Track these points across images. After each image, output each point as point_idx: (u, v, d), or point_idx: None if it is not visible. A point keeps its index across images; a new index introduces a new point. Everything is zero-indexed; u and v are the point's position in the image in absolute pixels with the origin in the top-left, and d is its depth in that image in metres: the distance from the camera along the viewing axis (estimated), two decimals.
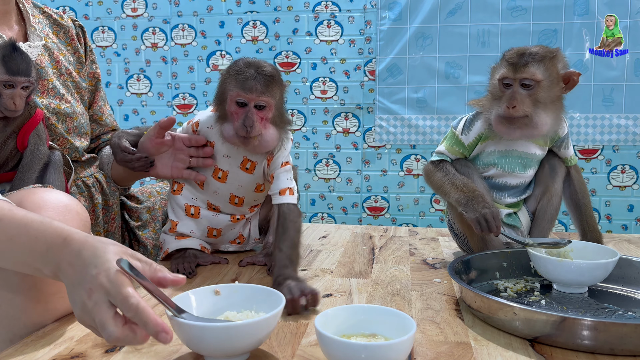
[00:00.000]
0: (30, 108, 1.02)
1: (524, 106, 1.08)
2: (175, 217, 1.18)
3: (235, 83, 1.02)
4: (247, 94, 1.01)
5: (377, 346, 0.63)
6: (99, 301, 0.63)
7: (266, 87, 1.01)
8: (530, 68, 1.08)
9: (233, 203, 1.17)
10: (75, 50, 1.30)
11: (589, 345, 0.73)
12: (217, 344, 0.67)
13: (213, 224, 1.19)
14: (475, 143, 1.19)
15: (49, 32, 1.25)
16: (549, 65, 1.09)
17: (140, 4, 2.83)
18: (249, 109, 1.02)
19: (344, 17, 2.67)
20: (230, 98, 1.03)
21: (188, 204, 1.17)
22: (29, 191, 0.89)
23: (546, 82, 1.09)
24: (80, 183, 1.26)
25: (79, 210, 0.88)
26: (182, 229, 1.17)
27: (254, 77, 1.01)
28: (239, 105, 1.03)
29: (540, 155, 1.20)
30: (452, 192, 1.13)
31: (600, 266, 0.96)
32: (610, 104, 2.47)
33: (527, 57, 1.09)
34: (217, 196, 1.17)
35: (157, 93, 2.87)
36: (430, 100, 2.60)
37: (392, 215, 2.72)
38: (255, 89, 1.01)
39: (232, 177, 1.14)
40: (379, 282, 1.08)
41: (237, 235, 1.24)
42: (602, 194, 2.55)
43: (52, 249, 0.70)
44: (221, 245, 1.24)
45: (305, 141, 2.75)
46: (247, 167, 1.13)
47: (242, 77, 1.01)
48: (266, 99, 1.02)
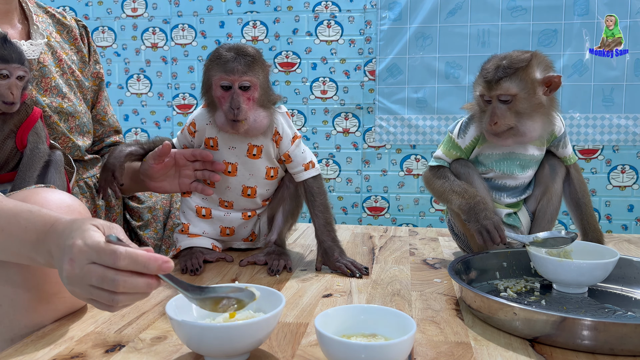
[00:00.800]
0: (27, 106, 1.02)
1: (505, 120, 1.09)
2: (186, 219, 1.20)
3: (217, 68, 1.04)
4: (230, 75, 1.03)
5: (377, 346, 0.63)
6: (82, 265, 0.63)
7: (248, 67, 1.04)
8: (503, 84, 1.07)
9: (246, 195, 1.18)
10: (79, 50, 1.30)
11: (589, 345, 0.73)
12: (217, 344, 0.67)
13: (225, 223, 1.21)
14: (472, 146, 1.19)
15: (52, 31, 1.25)
16: (523, 75, 1.08)
17: (140, 4, 2.83)
18: (234, 91, 1.04)
19: (344, 17, 2.67)
20: (214, 83, 1.05)
21: (199, 206, 1.19)
22: (32, 191, 0.89)
23: (523, 94, 1.08)
24: (82, 184, 1.26)
25: (81, 211, 0.88)
26: (194, 230, 1.19)
27: (235, 59, 1.03)
28: (224, 89, 1.05)
29: (539, 156, 1.20)
30: (454, 199, 1.14)
31: (600, 266, 0.96)
32: (610, 104, 2.47)
33: (499, 72, 1.08)
34: (230, 191, 1.18)
35: (157, 93, 2.87)
36: (430, 100, 2.60)
37: (392, 215, 2.72)
38: (237, 70, 1.03)
39: (242, 167, 1.15)
40: (379, 282, 1.08)
41: (249, 233, 1.26)
42: (602, 194, 2.55)
43: (41, 237, 0.70)
44: (234, 243, 1.26)
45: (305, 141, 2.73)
46: (254, 154, 1.14)
47: (223, 61, 1.04)
48: (249, 78, 1.04)
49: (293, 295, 0.99)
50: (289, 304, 0.94)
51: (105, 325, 0.85)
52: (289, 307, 0.93)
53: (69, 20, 1.31)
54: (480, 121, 1.15)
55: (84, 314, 0.89)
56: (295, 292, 1.01)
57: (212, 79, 1.06)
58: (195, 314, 0.76)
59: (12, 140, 1.01)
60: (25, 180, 0.99)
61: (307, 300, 0.97)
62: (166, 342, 0.78)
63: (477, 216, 1.09)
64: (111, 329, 0.83)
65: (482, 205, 1.10)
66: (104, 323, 0.86)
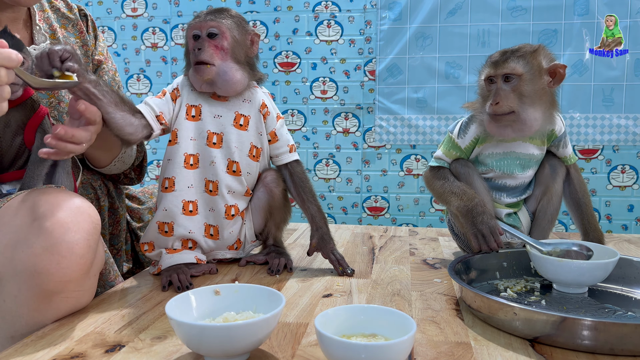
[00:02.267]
0: (33, 102, 1.01)
1: (508, 101, 1.09)
2: (169, 218, 1.11)
3: (191, 22, 1.09)
4: (198, 23, 1.07)
5: (377, 346, 0.63)
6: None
7: (216, 15, 1.07)
8: (510, 63, 1.10)
9: (231, 172, 1.12)
10: (84, 44, 1.28)
11: (589, 345, 0.74)
12: (217, 344, 0.67)
13: (210, 220, 1.13)
14: (472, 146, 1.19)
15: (57, 26, 1.23)
16: (530, 59, 1.10)
17: (140, 4, 2.83)
18: (203, 39, 1.06)
19: (344, 17, 2.67)
20: (187, 37, 1.09)
21: (186, 200, 1.11)
22: (44, 190, 0.89)
23: (528, 75, 1.09)
24: (87, 185, 1.26)
25: (90, 213, 0.88)
26: (180, 230, 1.11)
27: (206, 12, 1.09)
28: (194, 38, 1.07)
29: (539, 156, 1.20)
30: (453, 200, 1.14)
31: (600, 266, 0.96)
32: (610, 104, 2.47)
33: (508, 54, 1.11)
34: (214, 167, 1.11)
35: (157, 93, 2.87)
36: (430, 100, 2.60)
37: (392, 215, 2.72)
38: (205, 17, 1.07)
39: (227, 138, 1.11)
40: (379, 282, 1.08)
41: (234, 240, 1.18)
42: (602, 194, 2.55)
43: None
44: (218, 253, 1.18)
45: (305, 141, 2.75)
46: (241, 124, 1.12)
47: (196, 15, 1.10)
48: (216, 24, 1.06)
49: (293, 295, 0.99)
50: (289, 304, 0.94)
51: (105, 325, 0.85)
52: (289, 307, 0.93)
53: (75, 11, 1.28)
54: (482, 113, 1.14)
55: (84, 314, 0.89)
56: (295, 292, 1.01)
57: (186, 35, 1.10)
58: (195, 314, 0.76)
59: (20, 137, 1.00)
60: (34, 178, 0.99)
61: (307, 300, 0.97)
62: (166, 342, 0.78)
63: (474, 219, 1.10)
64: (111, 329, 0.83)
65: (479, 208, 1.10)
66: (104, 323, 0.86)
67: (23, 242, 0.82)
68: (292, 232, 1.57)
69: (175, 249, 1.12)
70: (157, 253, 1.13)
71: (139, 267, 1.40)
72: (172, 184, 1.11)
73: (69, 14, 1.27)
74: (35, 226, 0.82)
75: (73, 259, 0.82)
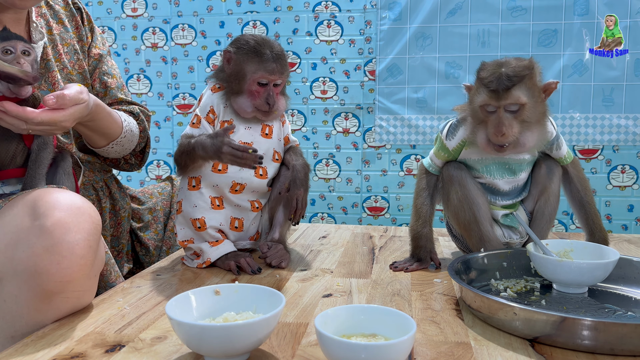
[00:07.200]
0: (34, 99, 1.02)
1: (512, 131, 1.05)
2: (200, 213, 1.17)
3: (257, 65, 1.13)
4: (270, 75, 1.14)
5: (377, 346, 0.63)
6: None
7: (284, 67, 1.16)
8: (513, 93, 1.03)
9: (258, 175, 1.20)
10: (80, 39, 1.27)
11: (589, 345, 0.74)
12: (217, 344, 0.67)
13: (235, 214, 1.21)
14: (460, 148, 1.19)
15: (53, 22, 1.22)
16: (529, 84, 1.05)
17: (140, 4, 2.83)
18: (269, 88, 1.15)
19: (344, 17, 2.67)
20: (252, 79, 1.14)
21: (212, 196, 1.19)
22: (45, 191, 0.89)
23: (531, 102, 1.05)
24: (89, 186, 1.26)
25: (91, 213, 0.88)
26: (212, 222, 1.18)
27: (275, 59, 1.14)
28: (260, 85, 1.14)
29: (530, 159, 1.19)
30: (412, 217, 1.24)
31: (600, 266, 0.96)
32: (610, 104, 2.47)
33: (506, 81, 1.03)
34: (244, 172, 1.18)
35: (157, 93, 2.87)
36: (430, 100, 2.60)
37: (392, 215, 2.72)
38: (276, 70, 1.14)
39: (257, 147, 1.16)
40: (379, 282, 1.08)
41: (255, 232, 1.27)
42: (602, 194, 2.55)
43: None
44: (240, 243, 1.26)
45: (305, 141, 2.75)
46: (267, 133, 1.22)
47: (263, 60, 1.13)
48: (284, 78, 1.17)
49: (293, 295, 0.99)
50: (289, 304, 0.95)
51: (105, 325, 0.85)
52: (289, 307, 0.93)
53: (70, 6, 1.27)
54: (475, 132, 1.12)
55: (84, 314, 0.89)
56: (295, 292, 1.01)
57: (249, 75, 1.14)
58: (195, 314, 0.76)
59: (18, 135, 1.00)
60: (36, 177, 0.99)
61: (307, 300, 0.97)
62: (166, 342, 0.78)
63: (417, 243, 1.19)
64: (111, 329, 0.83)
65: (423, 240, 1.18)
66: (104, 323, 0.86)
67: (24, 242, 0.82)
68: (292, 232, 1.57)
69: (217, 241, 1.19)
70: (198, 247, 1.19)
71: (139, 267, 1.40)
72: (199, 182, 1.19)
73: (64, 10, 1.26)
74: (36, 226, 0.82)
75: (73, 259, 0.82)
